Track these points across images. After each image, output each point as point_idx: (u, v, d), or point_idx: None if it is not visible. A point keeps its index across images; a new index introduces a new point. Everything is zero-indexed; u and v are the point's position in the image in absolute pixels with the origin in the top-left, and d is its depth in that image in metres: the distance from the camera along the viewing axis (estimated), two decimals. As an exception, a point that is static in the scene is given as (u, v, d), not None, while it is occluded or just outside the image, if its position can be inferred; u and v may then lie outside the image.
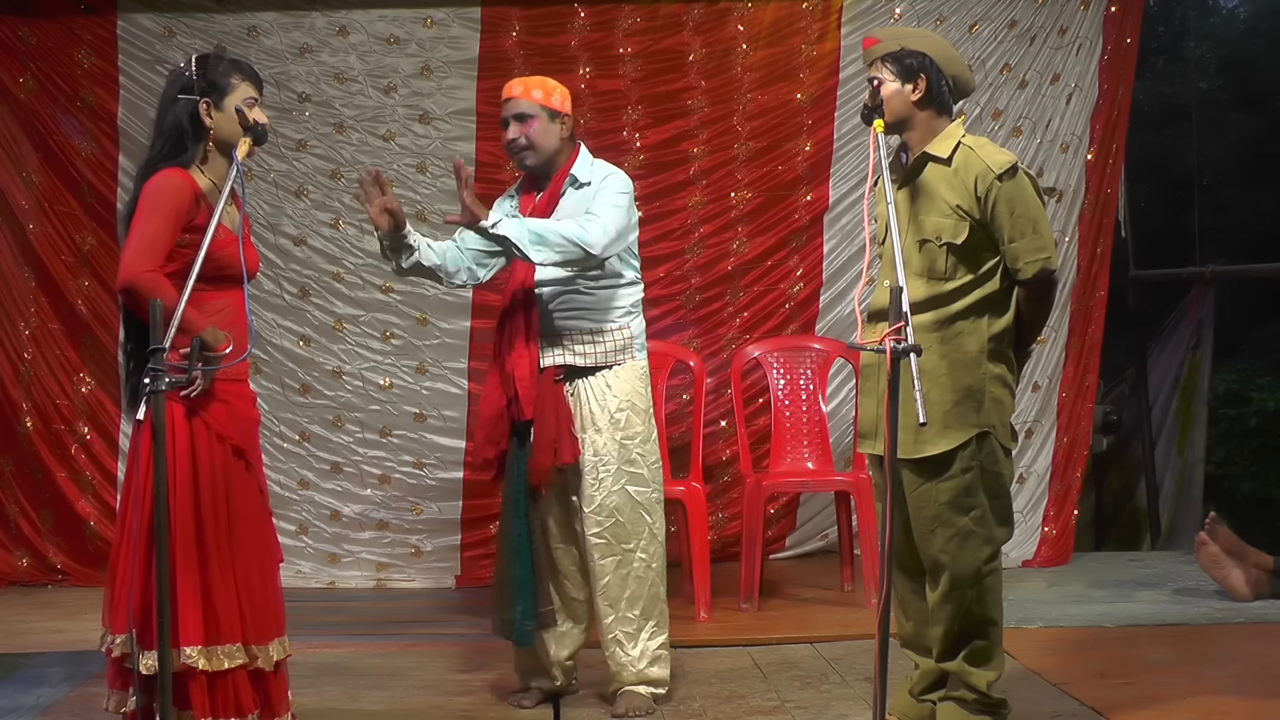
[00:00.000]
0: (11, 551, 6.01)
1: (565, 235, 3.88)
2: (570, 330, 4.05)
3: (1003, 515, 3.63)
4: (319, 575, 5.99)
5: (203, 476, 3.33)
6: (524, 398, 4.00)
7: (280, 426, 6.01)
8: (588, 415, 4.06)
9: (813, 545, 6.39)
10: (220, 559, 3.34)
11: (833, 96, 6.15)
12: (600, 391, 4.06)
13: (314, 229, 6.02)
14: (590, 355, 4.06)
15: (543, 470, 4.02)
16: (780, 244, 6.20)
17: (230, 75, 3.43)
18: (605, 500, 4.05)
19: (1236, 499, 8.01)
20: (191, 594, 3.29)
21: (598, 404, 4.06)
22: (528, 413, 4.00)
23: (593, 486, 4.04)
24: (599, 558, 4.06)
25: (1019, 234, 3.50)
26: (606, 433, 4.05)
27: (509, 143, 4.11)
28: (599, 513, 4.05)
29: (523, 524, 4.05)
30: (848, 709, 4.09)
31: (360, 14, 5.98)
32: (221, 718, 3.32)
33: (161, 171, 3.36)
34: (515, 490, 4.06)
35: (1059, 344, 6.20)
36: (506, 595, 4.07)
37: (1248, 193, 9.94)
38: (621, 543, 4.06)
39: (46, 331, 6.01)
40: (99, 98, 5.96)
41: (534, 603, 4.04)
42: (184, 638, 3.27)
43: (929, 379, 3.45)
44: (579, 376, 4.07)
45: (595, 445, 4.05)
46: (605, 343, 4.07)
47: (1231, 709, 4.01)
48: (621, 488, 4.06)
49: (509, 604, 4.06)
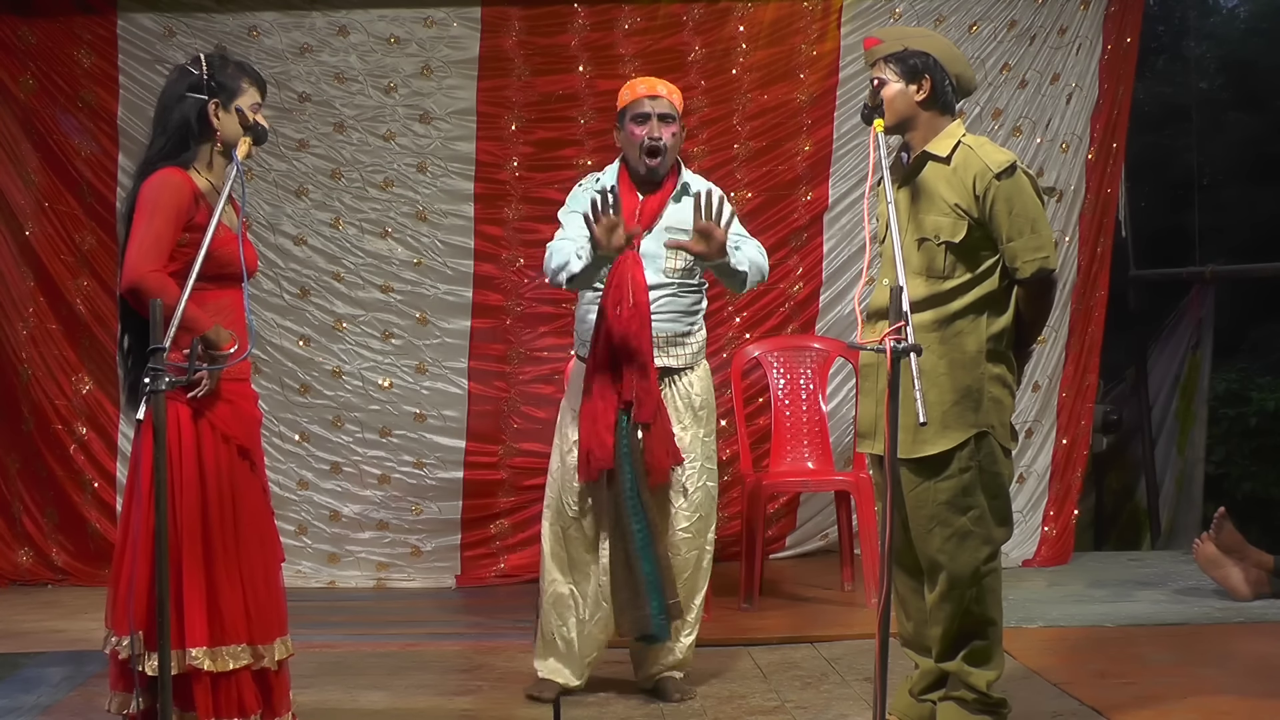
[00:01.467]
0: (15, 549, 6.01)
1: (756, 263, 4.13)
2: (667, 333, 4.17)
3: (1001, 515, 3.63)
4: (319, 575, 5.99)
5: (209, 477, 3.33)
6: (649, 400, 4.08)
7: (280, 426, 6.00)
8: (676, 413, 4.19)
9: (813, 545, 6.39)
10: (226, 559, 3.34)
11: (832, 96, 6.15)
12: (685, 390, 4.22)
13: (314, 229, 6.02)
14: (682, 357, 4.22)
15: (664, 469, 4.11)
16: (780, 243, 6.19)
17: (239, 79, 3.43)
18: (693, 495, 4.20)
19: (1236, 499, 7.99)
20: (197, 595, 3.29)
21: (683, 402, 4.21)
22: (649, 415, 4.08)
23: (685, 482, 4.17)
24: (685, 551, 4.20)
25: (1017, 233, 3.50)
26: (692, 430, 4.20)
27: (652, 142, 4.11)
28: (688, 507, 4.19)
29: (642, 521, 4.09)
30: (848, 709, 4.09)
31: (360, 14, 5.98)
32: (225, 718, 3.33)
33: (160, 171, 3.36)
34: (629, 490, 4.08)
35: (1059, 344, 6.21)
36: (639, 593, 4.08)
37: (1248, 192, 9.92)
38: (702, 535, 4.23)
39: (45, 332, 6.00)
40: (99, 97, 5.95)
41: (664, 596, 4.10)
42: (189, 639, 3.27)
43: (927, 378, 3.45)
44: (667, 376, 4.19)
45: (683, 441, 4.18)
46: (692, 344, 4.24)
47: (1231, 708, 4.01)
48: (703, 483, 4.23)
49: (643, 601, 4.08)
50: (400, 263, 6.03)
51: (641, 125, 4.11)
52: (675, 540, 4.18)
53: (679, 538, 4.19)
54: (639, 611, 4.08)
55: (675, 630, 4.21)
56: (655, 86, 4.17)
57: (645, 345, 4.08)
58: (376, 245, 6.04)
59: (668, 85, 4.21)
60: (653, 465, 4.09)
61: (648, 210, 4.14)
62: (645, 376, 4.07)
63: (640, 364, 4.07)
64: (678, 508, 4.18)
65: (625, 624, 4.14)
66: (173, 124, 3.40)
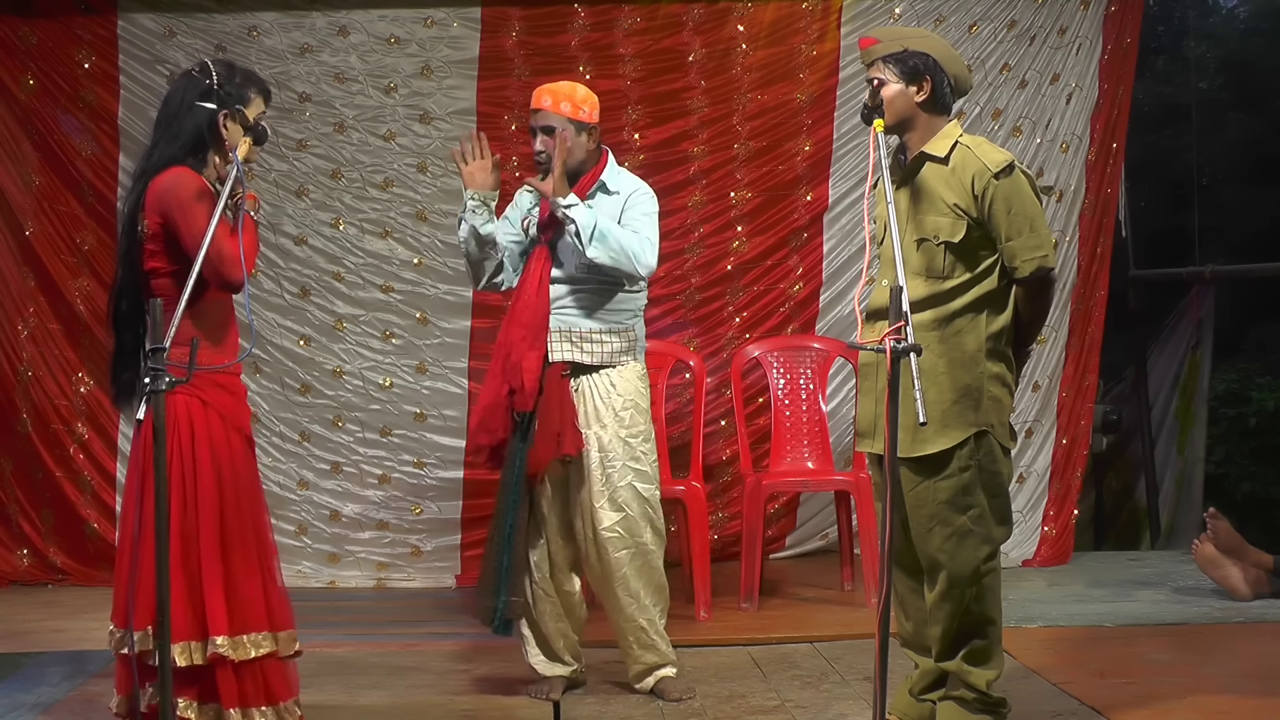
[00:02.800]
0: (12, 551, 6.01)
1: (625, 245, 4.05)
2: (579, 328, 4.15)
3: (1001, 514, 3.63)
4: (319, 575, 5.99)
5: (224, 466, 3.37)
6: (529, 389, 4.08)
7: (280, 426, 6.01)
8: (592, 411, 4.16)
9: (813, 545, 6.39)
10: (245, 546, 3.37)
11: (832, 96, 6.15)
12: (605, 389, 4.17)
13: (314, 229, 6.02)
14: (597, 354, 4.16)
15: (542, 461, 4.11)
16: (780, 244, 6.20)
17: (247, 89, 3.48)
18: (614, 495, 4.15)
19: (1236, 498, 8.00)
20: (216, 584, 3.30)
21: (602, 401, 4.16)
22: (530, 404, 4.08)
23: (601, 482, 4.15)
24: (613, 551, 4.16)
25: (1016, 232, 3.51)
26: (611, 429, 4.15)
27: (536, 154, 4.17)
28: (609, 507, 4.15)
29: (513, 514, 4.13)
30: (848, 709, 4.09)
31: (360, 14, 5.98)
32: (253, 706, 3.33)
33: (174, 169, 3.37)
34: (512, 481, 4.14)
35: (1059, 343, 6.21)
36: (492, 582, 4.16)
37: (1248, 193, 9.93)
38: (634, 535, 4.18)
39: (45, 332, 6.00)
40: (99, 97, 5.95)
41: (509, 592, 4.14)
42: (212, 628, 3.28)
43: (927, 378, 3.45)
44: (583, 373, 4.17)
45: (601, 441, 4.15)
46: (612, 342, 4.18)
47: (1231, 708, 4.01)
48: (629, 483, 4.17)
49: (494, 591, 4.15)
50: (400, 262, 6.03)
51: (533, 138, 4.19)
52: (601, 539, 4.15)
53: (604, 537, 4.15)
54: (485, 601, 4.16)
55: (636, 631, 4.23)
56: (541, 98, 4.17)
57: (532, 336, 4.10)
58: (377, 245, 6.04)
59: (554, 92, 4.16)
60: (531, 455, 4.11)
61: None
62: (532, 367, 4.08)
63: (523, 353, 4.08)
64: (597, 507, 4.14)
65: (476, 610, 4.21)
66: (186, 131, 3.42)
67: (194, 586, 3.30)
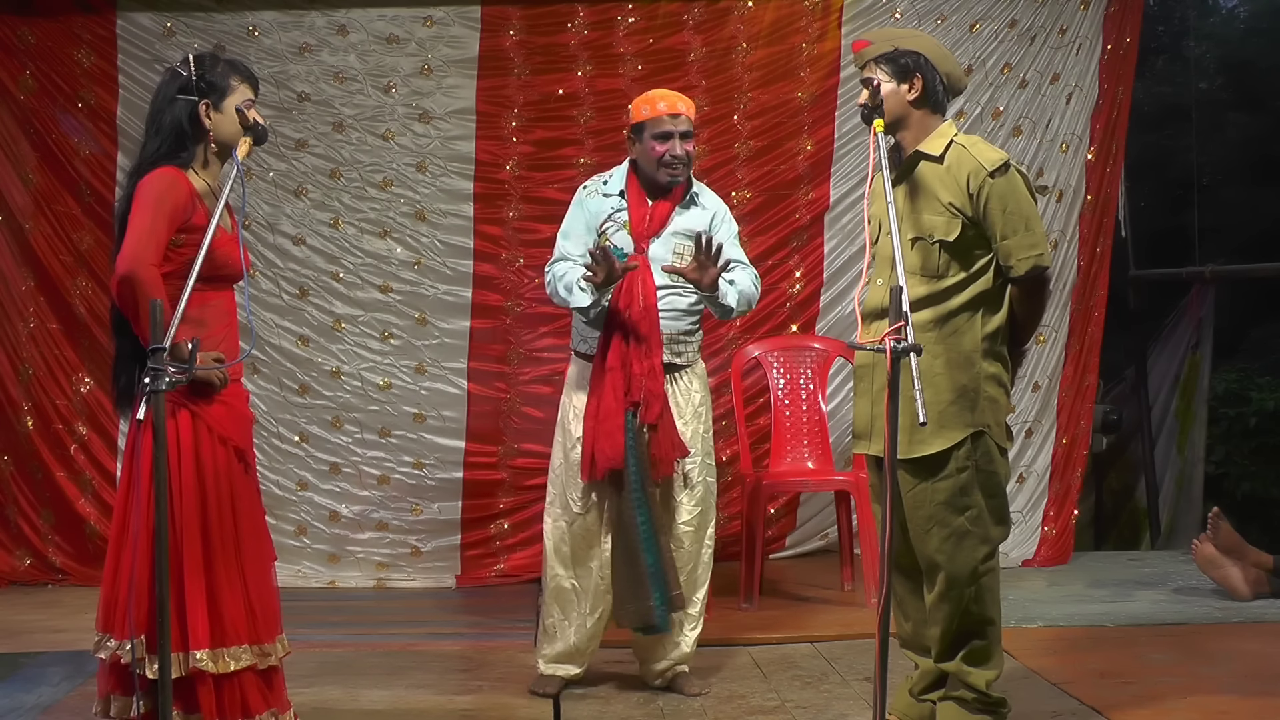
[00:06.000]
0: (12, 551, 6.01)
1: (754, 294, 4.28)
2: (672, 330, 4.26)
3: (999, 515, 3.63)
4: (319, 575, 5.98)
5: (207, 479, 3.33)
6: (655, 402, 4.17)
7: (279, 427, 6.00)
8: (676, 409, 4.27)
9: (813, 545, 6.39)
10: (226, 561, 3.34)
11: (833, 96, 6.15)
12: (686, 387, 4.32)
13: (313, 228, 6.01)
14: (683, 354, 4.32)
15: (669, 461, 4.20)
16: (780, 243, 6.20)
17: (229, 77, 3.43)
18: (696, 489, 4.28)
19: (1236, 498, 8.01)
20: (198, 597, 3.29)
21: (684, 398, 4.30)
22: (655, 416, 4.17)
23: (682, 477, 4.26)
24: (688, 544, 4.28)
25: (1011, 231, 3.51)
26: (692, 425, 4.30)
27: (671, 158, 4.22)
28: (691, 500, 4.28)
29: (645, 514, 4.18)
30: (848, 709, 4.09)
31: (360, 13, 5.98)
32: (230, 719, 3.33)
33: (158, 169, 3.35)
34: (634, 484, 4.17)
35: (1059, 343, 6.20)
36: (642, 585, 4.17)
37: (1248, 193, 9.94)
38: (704, 529, 4.33)
39: (45, 331, 6.00)
40: (98, 97, 5.95)
41: (666, 588, 4.17)
42: (192, 641, 3.27)
43: (924, 378, 3.44)
44: (671, 372, 4.29)
45: (684, 436, 4.26)
46: (693, 343, 4.36)
47: (1231, 708, 4.01)
48: (704, 478, 4.33)
49: (645, 593, 4.16)
50: (399, 263, 6.03)
51: (664, 142, 4.22)
52: (679, 533, 4.27)
53: (682, 530, 4.27)
54: (641, 603, 4.16)
55: (679, 624, 4.29)
56: (676, 105, 4.25)
57: (654, 347, 4.19)
58: (376, 245, 6.03)
59: (686, 101, 4.29)
60: (658, 458, 4.18)
61: (657, 215, 4.26)
62: (654, 378, 4.17)
63: (649, 365, 4.17)
64: (679, 501, 4.27)
65: (627, 616, 4.20)
66: (166, 127, 3.40)
67: (176, 599, 3.28)
